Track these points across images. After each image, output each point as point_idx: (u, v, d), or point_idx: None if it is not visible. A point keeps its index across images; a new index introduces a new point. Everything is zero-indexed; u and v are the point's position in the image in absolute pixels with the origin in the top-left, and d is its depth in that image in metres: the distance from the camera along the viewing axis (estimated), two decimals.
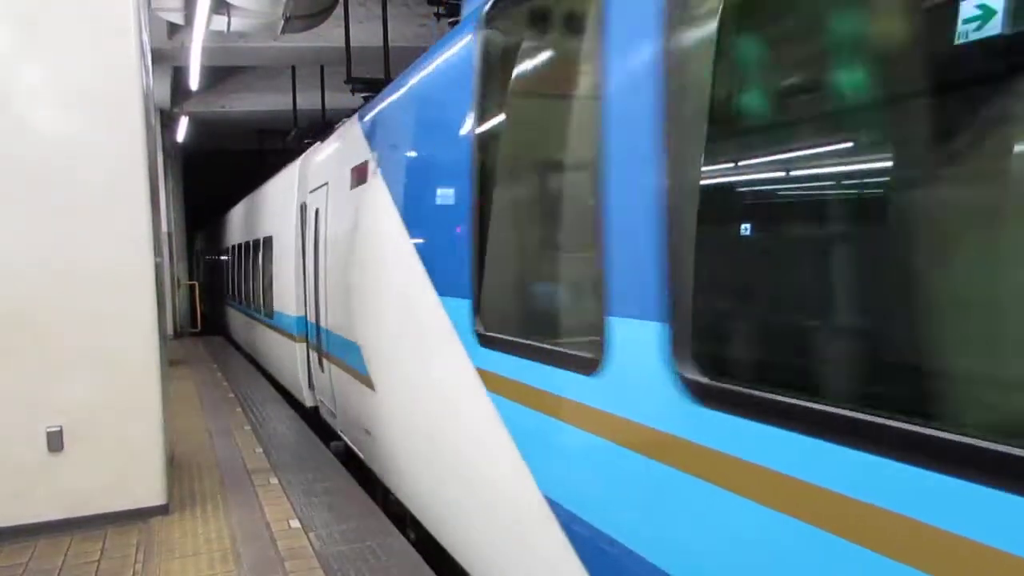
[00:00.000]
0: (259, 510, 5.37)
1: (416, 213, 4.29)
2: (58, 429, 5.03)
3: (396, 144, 4.80)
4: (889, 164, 2.12)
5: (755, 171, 2.48)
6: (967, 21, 1.70)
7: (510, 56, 3.36)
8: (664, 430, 2.15)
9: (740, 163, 2.48)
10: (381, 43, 10.15)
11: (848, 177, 2.18)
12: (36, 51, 4.98)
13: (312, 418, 8.40)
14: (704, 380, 2.02)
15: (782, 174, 2.37)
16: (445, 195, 3.76)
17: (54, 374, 5.02)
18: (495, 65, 3.41)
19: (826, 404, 1.70)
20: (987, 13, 1.66)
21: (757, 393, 1.86)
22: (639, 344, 2.23)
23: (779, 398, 1.80)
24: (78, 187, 5.03)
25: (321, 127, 10.47)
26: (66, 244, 5.02)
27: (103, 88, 5.09)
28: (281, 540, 4.77)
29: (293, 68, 15.44)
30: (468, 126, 3.45)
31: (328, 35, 11.89)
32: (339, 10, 10.72)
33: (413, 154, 4.46)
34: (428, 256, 4.01)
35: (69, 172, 5.02)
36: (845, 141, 2.21)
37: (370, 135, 5.55)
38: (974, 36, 1.67)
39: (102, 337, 5.10)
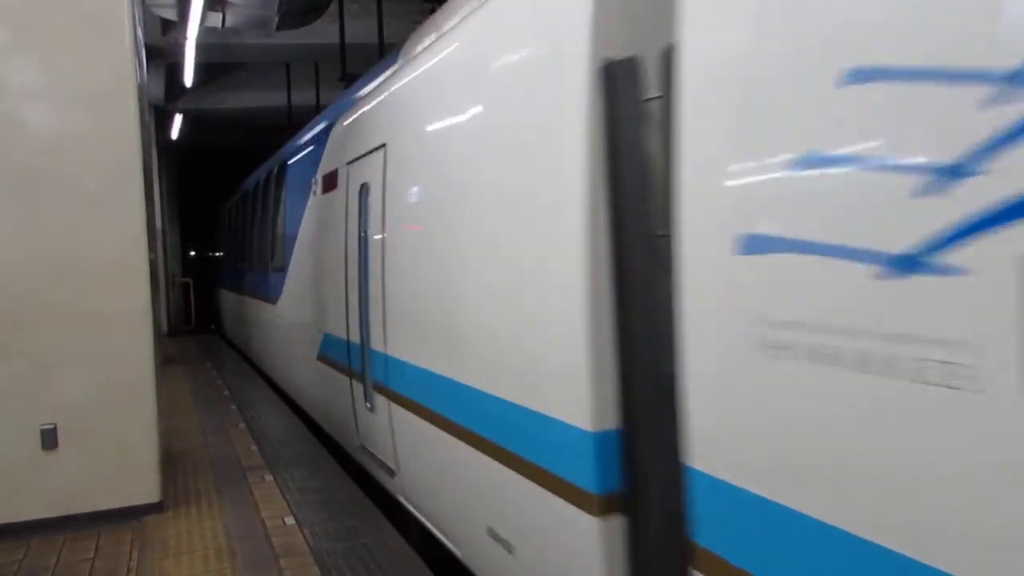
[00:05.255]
0: (254, 507, 5.36)
1: None
2: (52, 427, 5.01)
3: None
4: None
5: None
6: None
7: None
8: None
9: None
10: (376, 40, 10.14)
11: None
12: (28, 48, 4.96)
13: (307, 415, 8.38)
14: None
15: None
16: None
17: (48, 372, 5.00)
18: None
19: None
20: None
21: None
22: None
23: None
24: (72, 184, 5.01)
25: None
26: (60, 241, 5.00)
27: (97, 85, 5.07)
28: (276, 537, 4.77)
29: (287, 65, 15.41)
30: None
31: (322, 32, 11.86)
32: (333, 7, 10.70)
33: None
34: None
35: (63, 169, 5.00)
36: None
37: None
38: None
39: (96, 334, 5.09)
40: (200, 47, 11.67)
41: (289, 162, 8.91)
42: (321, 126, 7.61)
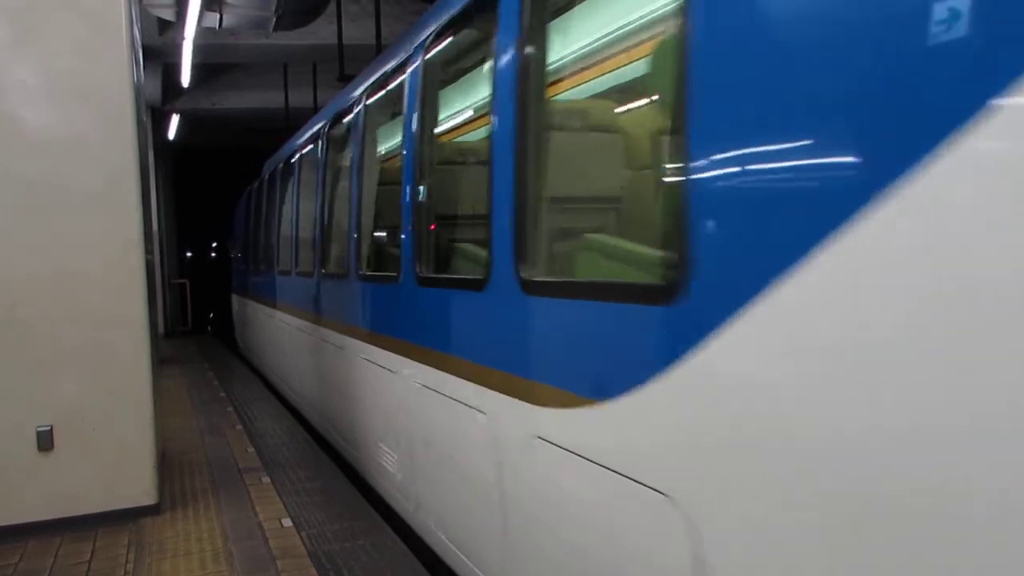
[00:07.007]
0: (251, 509, 5.35)
1: None
2: (48, 428, 4.99)
3: None
4: None
5: None
6: None
7: None
8: None
9: None
10: (374, 41, 10.14)
11: None
12: (24, 46, 4.94)
13: (305, 417, 8.37)
14: None
15: None
16: None
17: (44, 373, 4.98)
18: None
19: None
20: None
21: None
22: None
23: None
24: (68, 184, 4.99)
25: None
26: (56, 242, 4.98)
27: (94, 84, 5.05)
28: (273, 539, 4.76)
29: (285, 66, 15.40)
30: None
31: (320, 32, 11.86)
32: (331, 8, 10.69)
33: None
34: None
35: (59, 169, 4.98)
36: None
37: None
38: None
39: (93, 336, 5.07)
40: (197, 47, 11.65)
41: None
42: None
